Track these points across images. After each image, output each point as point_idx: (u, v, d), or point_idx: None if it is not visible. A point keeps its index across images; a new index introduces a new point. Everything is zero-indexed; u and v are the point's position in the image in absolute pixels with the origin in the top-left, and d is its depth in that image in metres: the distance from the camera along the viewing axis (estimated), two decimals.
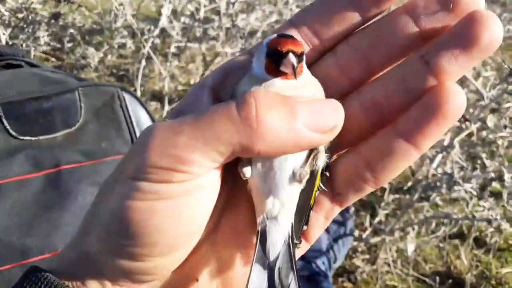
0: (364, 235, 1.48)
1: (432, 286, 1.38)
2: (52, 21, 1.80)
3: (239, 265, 0.43)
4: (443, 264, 1.45)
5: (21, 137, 0.88)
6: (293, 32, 0.40)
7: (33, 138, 0.89)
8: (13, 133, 0.87)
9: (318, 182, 0.40)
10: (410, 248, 1.42)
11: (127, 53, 2.11)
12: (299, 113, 0.35)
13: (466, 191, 1.12)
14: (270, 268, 0.39)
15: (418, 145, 0.37)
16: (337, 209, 0.42)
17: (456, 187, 1.13)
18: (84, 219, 0.41)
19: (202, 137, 0.34)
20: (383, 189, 1.61)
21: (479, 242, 1.50)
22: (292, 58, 0.36)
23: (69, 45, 2.03)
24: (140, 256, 0.37)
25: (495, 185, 1.56)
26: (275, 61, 0.37)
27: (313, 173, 0.40)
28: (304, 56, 0.38)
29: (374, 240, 1.46)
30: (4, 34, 1.48)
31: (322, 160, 0.40)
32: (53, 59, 2.07)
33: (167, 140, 0.35)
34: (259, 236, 0.40)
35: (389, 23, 0.38)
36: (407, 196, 1.51)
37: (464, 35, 0.34)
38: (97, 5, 1.96)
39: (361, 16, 0.38)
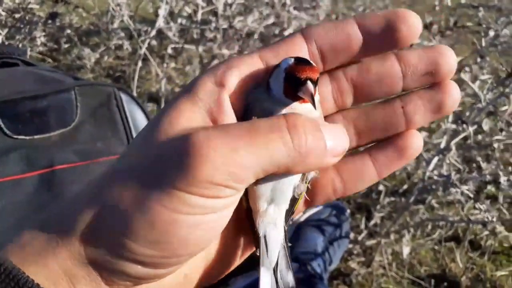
0: (359, 238, 1.47)
1: None
2: (49, 21, 1.79)
3: (224, 263, 0.47)
4: (438, 267, 1.45)
5: (15, 136, 0.87)
6: (302, 45, 0.42)
7: (27, 138, 0.88)
8: (8, 132, 0.86)
9: (303, 193, 0.46)
10: (406, 251, 1.42)
11: (124, 55, 2.10)
12: (327, 140, 0.39)
13: (462, 193, 1.12)
14: (274, 270, 0.44)
15: (381, 175, 0.46)
16: (304, 210, 0.49)
17: (452, 189, 1.13)
18: (89, 225, 0.37)
19: (256, 157, 0.36)
20: (379, 192, 1.61)
21: (474, 245, 1.51)
22: (310, 86, 0.39)
23: (66, 46, 2.02)
24: (164, 265, 0.38)
25: (490, 188, 1.57)
26: (293, 86, 0.39)
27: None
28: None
29: (370, 242, 1.46)
30: (0, 34, 1.47)
31: (310, 176, 0.45)
32: (49, 59, 2.07)
33: (225, 157, 0.35)
34: (261, 241, 0.44)
35: (382, 68, 0.43)
36: (403, 199, 1.51)
37: (436, 102, 0.44)
38: (94, 6, 1.96)
39: (362, 52, 0.42)
